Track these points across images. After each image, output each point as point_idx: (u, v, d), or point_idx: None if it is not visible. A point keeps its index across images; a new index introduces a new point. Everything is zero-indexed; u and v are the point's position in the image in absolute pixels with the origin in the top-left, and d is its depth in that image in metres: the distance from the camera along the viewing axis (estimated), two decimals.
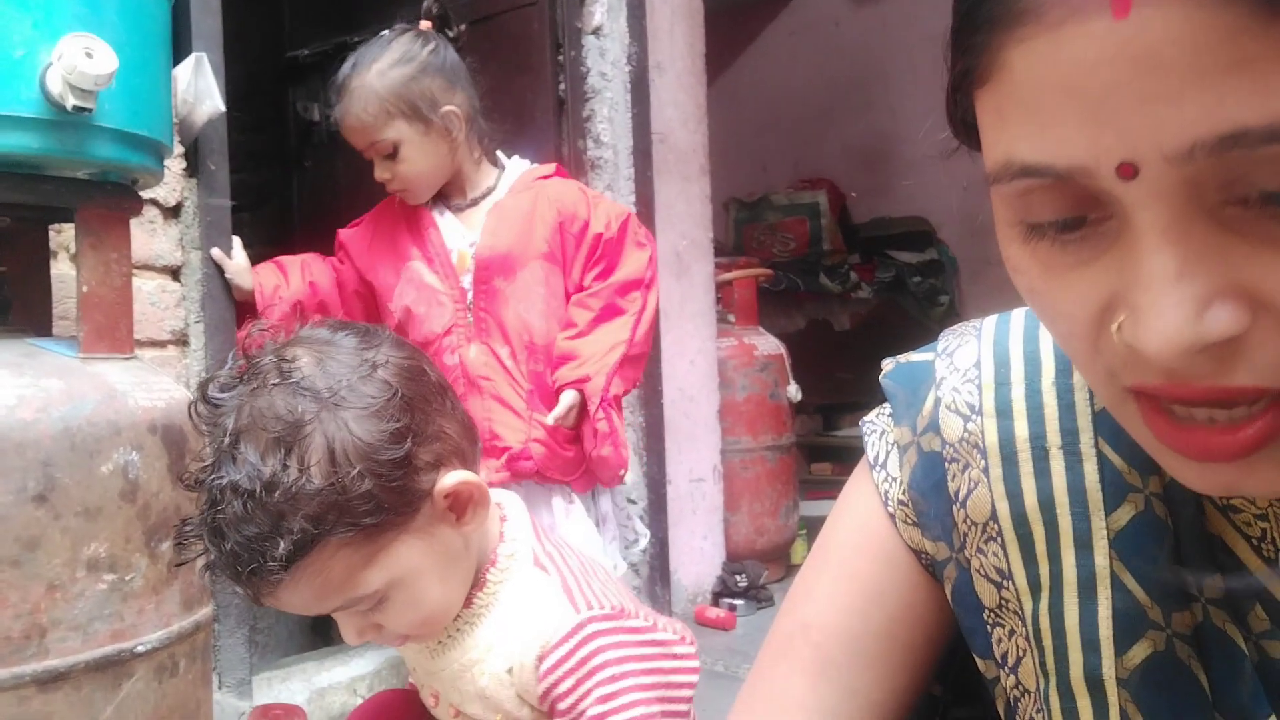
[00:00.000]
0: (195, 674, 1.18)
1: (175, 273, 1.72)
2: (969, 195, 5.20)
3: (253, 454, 0.77)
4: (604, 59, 2.45)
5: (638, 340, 1.70)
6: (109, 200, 1.18)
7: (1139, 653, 0.44)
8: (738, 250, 4.49)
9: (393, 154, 1.67)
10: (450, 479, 0.85)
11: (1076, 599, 0.46)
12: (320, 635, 2.44)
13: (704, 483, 2.72)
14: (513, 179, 1.77)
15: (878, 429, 0.56)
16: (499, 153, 1.83)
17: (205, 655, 1.22)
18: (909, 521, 0.53)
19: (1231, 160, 0.31)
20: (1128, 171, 0.33)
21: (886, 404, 0.56)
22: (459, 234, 1.72)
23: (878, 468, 0.55)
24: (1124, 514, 0.46)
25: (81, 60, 1.02)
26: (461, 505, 0.86)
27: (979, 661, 0.51)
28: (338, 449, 0.78)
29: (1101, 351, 0.37)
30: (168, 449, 1.16)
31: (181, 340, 1.71)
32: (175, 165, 1.67)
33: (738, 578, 2.69)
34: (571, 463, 1.69)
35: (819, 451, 4.35)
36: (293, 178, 2.95)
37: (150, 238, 1.66)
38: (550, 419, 1.64)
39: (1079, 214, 0.36)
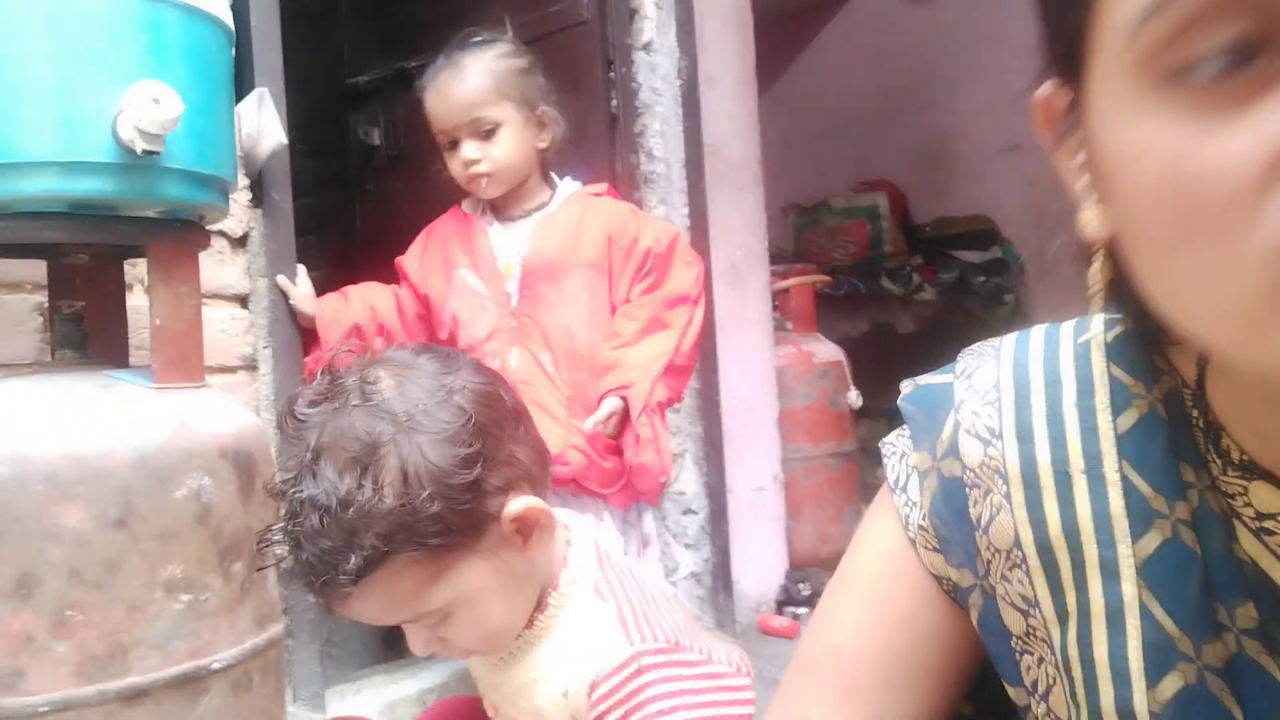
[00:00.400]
0: (269, 689, 1.23)
1: (244, 300, 1.78)
2: (1033, 191, 5.11)
3: (331, 471, 0.81)
4: (655, 74, 2.48)
5: (684, 351, 1.70)
6: (178, 236, 1.24)
7: (1170, 686, 0.43)
8: (798, 256, 4.48)
9: (489, 135, 1.71)
10: (517, 504, 0.87)
11: (1105, 629, 0.45)
12: (392, 648, 2.50)
13: (765, 491, 2.72)
14: (564, 196, 1.81)
15: (897, 451, 0.55)
16: (552, 174, 1.87)
17: (279, 670, 1.27)
18: (930, 547, 0.52)
19: None
20: None
21: (905, 426, 0.56)
22: (508, 243, 1.76)
23: (898, 491, 0.54)
24: (1151, 541, 0.44)
25: (149, 107, 1.07)
26: (528, 529, 0.89)
27: (1010, 689, 0.50)
28: (410, 471, 0.82)
29: (1266, 222, 0.31)
30: (238, 473, 1.21)
31: (251, 366, 1.77)
32: (241, 197, 1.73)
33: (801, 586, 2.68)
34: (610, 475, 1.68)
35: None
36: (355, 201, 3.03)
37: (219, 268, 1.73)
38: (590, 423, 1.62)
39: (1257, 32, 0.30)
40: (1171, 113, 0.33)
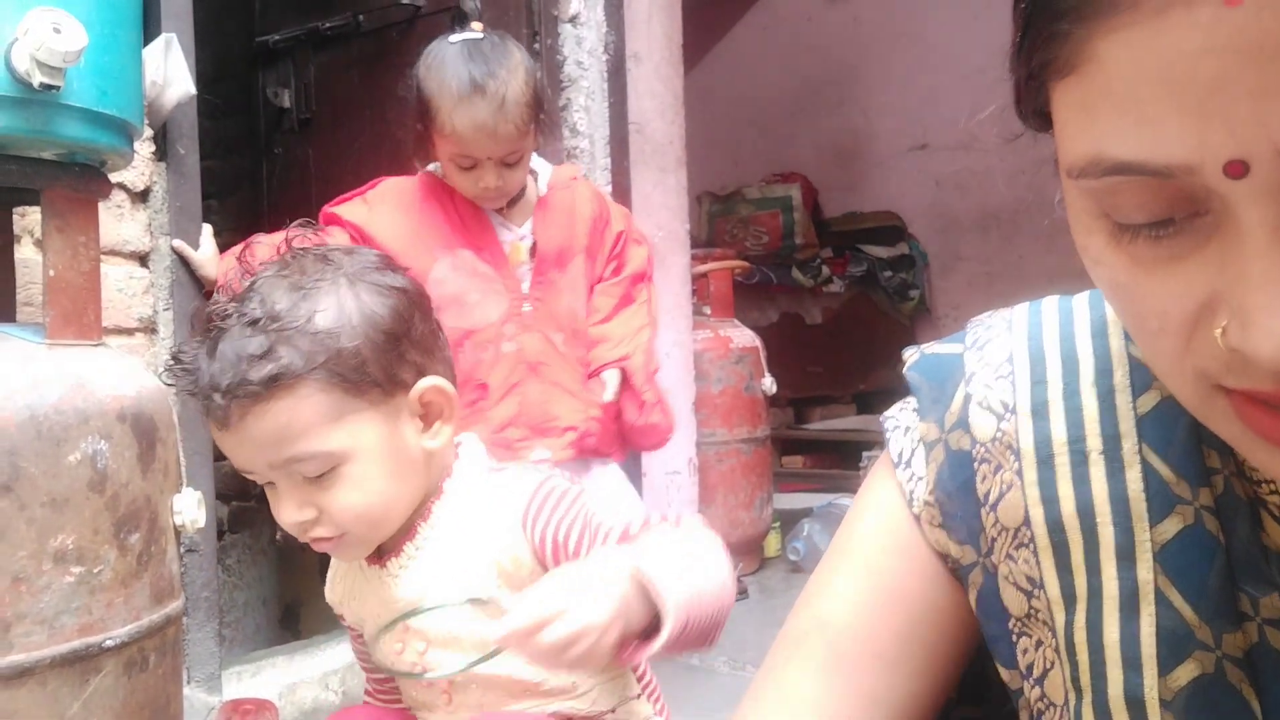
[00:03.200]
0: (166, 669, 1.16)
1: (144, 259, 1.68)
2: (939, 190, 5.23)
3: (268, 292, 0.86)
4: (581, 47, 2.43)
5: (654, 323, 1.84)
6: (76, 182, 1.14)
7: (1185, 674, 0.42)
8: (710, 244, 4.49)
9: (512, 164, 1.65)
10: (430, 380, 0.91)
11: (1117, 614, 0.44)
12: (290, 630, 2.41)
13: (679, 475, 2.71)
14: (547, 178, 1.80)
15: (901, 425, 0.53)
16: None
17: (175, 649, 1.19)
18: (935, 524, 0.51)
19: None
20: (1237, 170, 0.31)
21: (910, 398, 0.54)
22: (506, 228, 1.76)
23: (902, 466, 0.52)
24: (1171, 526, 0.43)
25: (49, 36, 0.98)
26: (432, 413, 0.92)
27: (1003, 671, 0.49)
28: (345, 307, 0.87)
29: (1195, 352, 0.35)
30: (138, 438, 1.13)
31: (150, 328, 1.67)
32: (144, 149, 1.63)
33: None
34: (616, 436, 1.80)
35: (791, 445, 4.36)
36: (262, 165, 2.90)
37: (118, 223, 1.62)
38: (607, 397, 1.73)
39: (1172, 214, 0.34)
40: (1120, 250, 0.36)
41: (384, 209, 1.72)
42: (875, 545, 0.52)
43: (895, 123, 5.31)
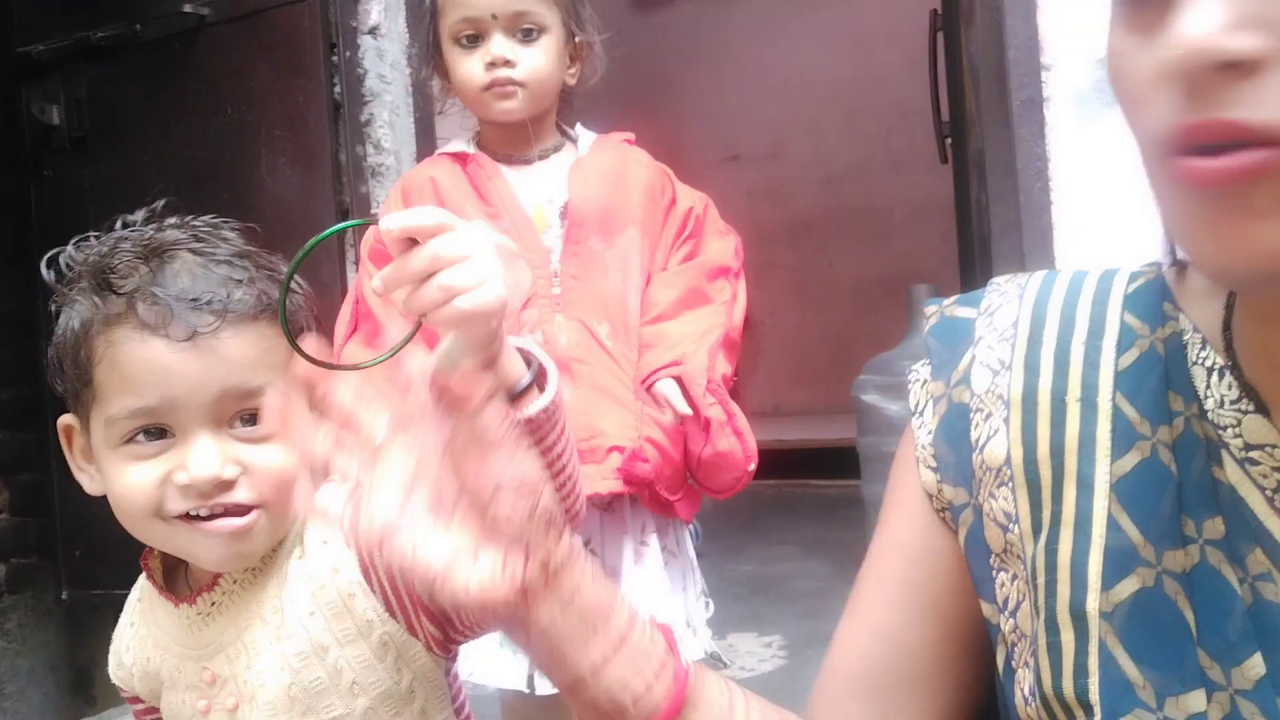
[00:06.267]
0: None
1: None
2: (752, 201, 5.37)
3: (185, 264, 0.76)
4: (383, 60, 2.34)
5: (735, 326, 1.42)
6: None
7: (1126, 588, 0.46)
8: None
9: (527, 38, 1.38)
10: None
11: (1071, 535, 0.48)
12: (82, 698, 2.20)
13: None
14: (590, 142, 1.50)
15: (919, 379, 0.59)
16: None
17: None
18: (929, 466, 0.56)
19: None
20: None
21: (927, 358, 0.59)
22: (531, 188, 1.42)
23: (915, 414, 0.58)
24: (1129, 460, 0.48)
25: None
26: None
27: (984, 606, 0.53)
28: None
29: (1152, 114, 0.40)
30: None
31: None
32: None
33: None
34: (679, 474, 1.36)
35: None
36: (29, 189, 2.64)
37: None
38: (671, 416, 1.32)
39: None
40: (1116, 21, 0.42)
41: (414, 202, 1.44)
42: (892, 489, 0.58)
43: (706, 133, 5.41)
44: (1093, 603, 0.47)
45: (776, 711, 0.55)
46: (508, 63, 1.38)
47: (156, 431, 0.74)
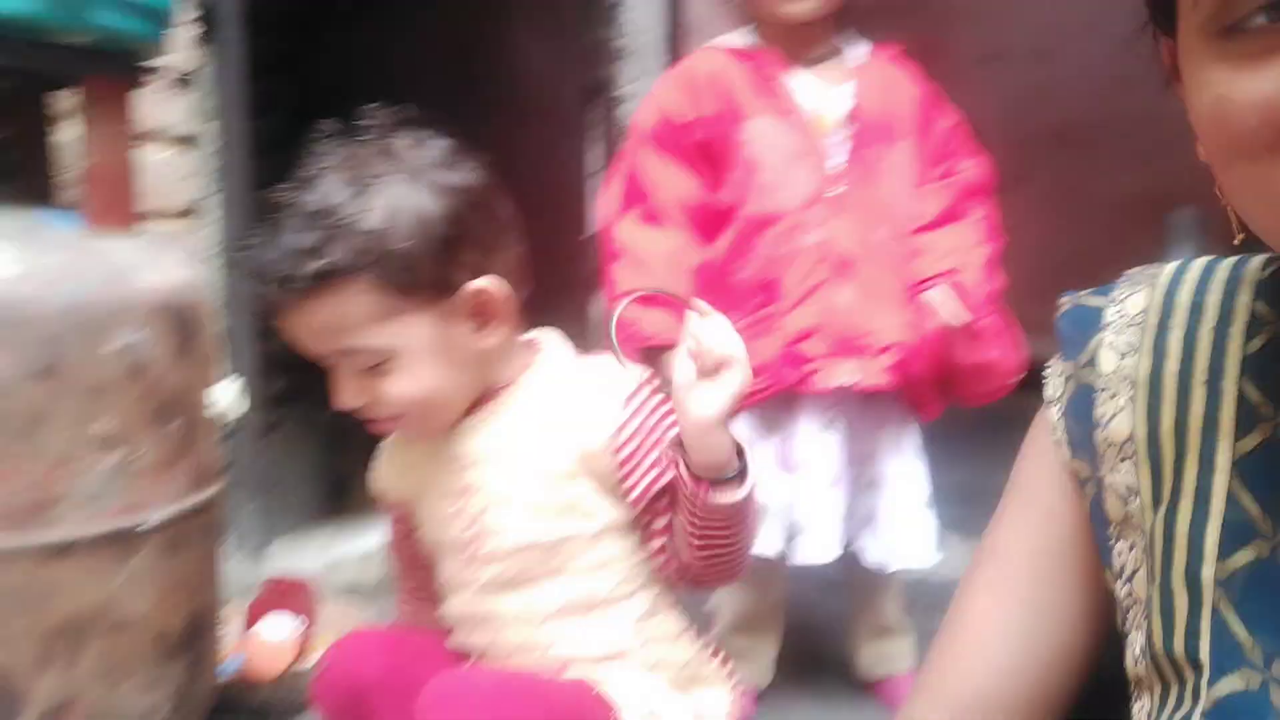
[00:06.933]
0: (203, 550, 1.21)
1: (189, 143, 1.68)
2: (1010, 107, 4.97)
3: (329, 184, 0.86)
4: None
5: (996, 246, 1.45)
6: (114, 69, 1.14)
7: (1242, 558, 0.49)
8: None
9: None
10: (481, 282, 0.89)
11: (1191, 507, 0.51)
12: (337, 506, 2.50)
13: None
14: (865, 50, 1.49)
15: (1054, 372, 0.61)
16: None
17: (214, 531, 1.24)
18: (1063, 444, 0.59)
19: None
20: None
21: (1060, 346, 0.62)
22: (810, 90, 1.43)
23: (1050, 404, 0.61)
24: (1252, 440, 0.50)
25: None
26: (486, 313, 0.91)
27: (1106, 574, 0.56)
28: (399, 206, 0.86)
29: None
30: (176, 329, 1.15)
31: (193, 213, 1.69)
32: (190, 32, 1.62)
33: None
34: (937, 378, 1.43)
35: None
36: (320, 46, 2.86)
37: (161, 107, 1.62)
38: (941, 321, 1.35)
39: None
40: (1222, 62, 0.43)
41: (683, 95, 1.47)
42: (1032, 474, 0.61)
43: (967, 29, 5.03)
44: (1208, 570, 0.49)
45: None
46: None
47: None
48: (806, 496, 1.39)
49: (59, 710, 1.05)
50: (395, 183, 0.87)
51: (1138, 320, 0.56)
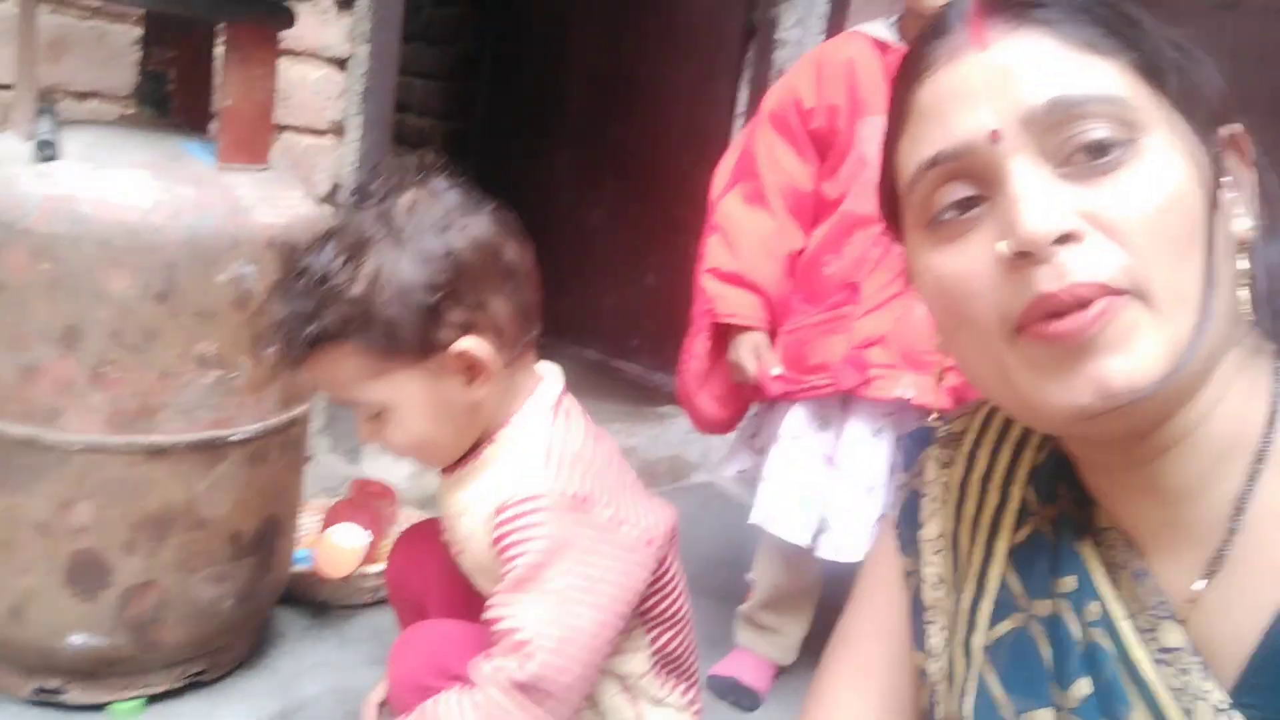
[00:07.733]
0: (284, 463, 1.33)
1: (342, 64, 1.77)
2: (1239, 62, 4.54)
3: (330, 250, 0.94)
4: None
5: None
6: (258, 16, 1.22)
7: (1004, 628, 0.59)
8: None
9: None
10: (466, 343, 0.94)
11: (974, 587, 0.62)
12: None
13: None
14: None
15: (896, 482, 0.72)
16: None
17: (296, 448, 1.37)
18: (896, 543, 0.69)
19: (1055, 119, 0.50)
20: (995, 136, 0.50)
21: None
22: None
23: (889, 510, 0.72)
24: (1023, 532, 0.61)
25: None
26: (473, 370, 0.96)
27: (917, 656, 0.65)
28: (382, 275, 0.92)
29: (999, 289, 0.51)
30: (283, 264, 1.25)
31: (339, 131, 1.79)
32: None
33: None
34: None
35: None
36: None
37: (322, 28, 1.71)
38: None
39: (969, 193, 0.52)
40: (932, 248, 0.55)
41: (812, 81, 1.47)
42: (877, 568, 0.70)
43: None
44: (978, 639, 0.60)
45: None
46: None
47: None
48: (842, 496, 1.43)
49: (140, 589, 1.20)
50: (384, 249, 0.92)
51: (957, 438, 0.68)
